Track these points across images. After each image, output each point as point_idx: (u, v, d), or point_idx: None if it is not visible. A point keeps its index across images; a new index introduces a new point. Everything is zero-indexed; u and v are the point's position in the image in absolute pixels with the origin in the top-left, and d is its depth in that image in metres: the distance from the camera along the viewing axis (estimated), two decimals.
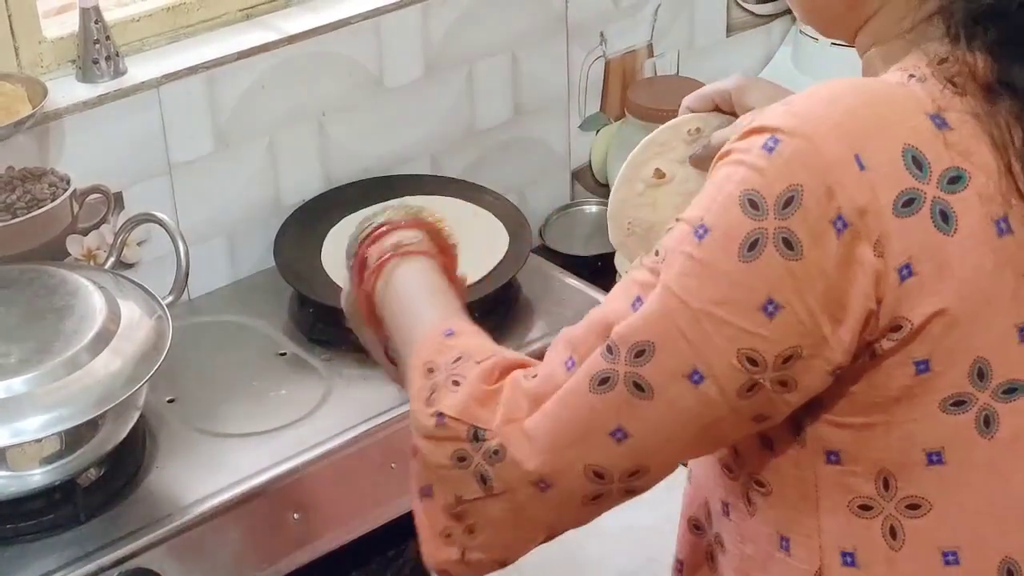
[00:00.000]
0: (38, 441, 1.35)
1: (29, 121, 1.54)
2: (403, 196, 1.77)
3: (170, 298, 1.54)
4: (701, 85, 2.07)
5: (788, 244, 0.93)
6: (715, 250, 0.95)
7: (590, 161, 2.15)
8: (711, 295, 0.95)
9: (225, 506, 1.41)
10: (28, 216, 1.59)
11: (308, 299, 1.69)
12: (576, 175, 2.15)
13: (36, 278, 1.48)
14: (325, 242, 1.74)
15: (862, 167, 0.93)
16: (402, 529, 1.50)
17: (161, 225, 1.59)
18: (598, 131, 2.14)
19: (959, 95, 0.98)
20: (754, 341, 0.95)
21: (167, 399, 1.56)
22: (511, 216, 1.81)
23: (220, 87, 1.72)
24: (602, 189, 2.15)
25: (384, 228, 1.21)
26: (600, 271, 1.91)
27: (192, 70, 1.69)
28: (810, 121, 0.95)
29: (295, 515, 1.45)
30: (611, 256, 1.94)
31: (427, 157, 1.95)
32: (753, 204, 0.94)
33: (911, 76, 0.99)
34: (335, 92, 1.83)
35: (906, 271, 0.94)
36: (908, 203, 0.94)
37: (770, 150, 0.94)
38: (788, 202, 0.93)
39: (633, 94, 2.09)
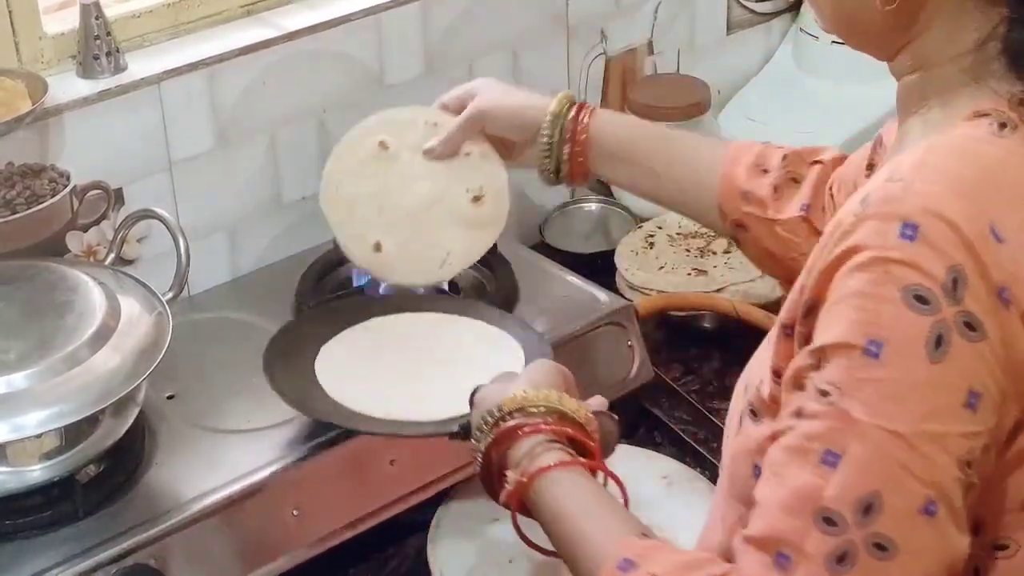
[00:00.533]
0: (37, 437, 1.34)
1: (29, 117, 1.54)
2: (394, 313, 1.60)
3: (170, 294, 1.54)
4: (702, 83, 2.09)
5: (971, 327, 0.89)
6: (901, 362, 0.89)
7: None
8: (916, 412, 0.88)
9: (224, 502, 1.41)
10: (28, 212, 1.59)
11: (308, 295, 1.70)
12: None
13: (36, 274, 1.48)
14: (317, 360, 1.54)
15: (999, 239, 0.90)
16: (401, 527, 1.51)
17: (161, 221, 1.59)
18: None
19: None
20: (969, 442, 0.89)
21: (167, 395, 1.56)
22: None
23: (221, 84, 1.72)
24: (602, 187, 2.15)
25: (519, 430, 1.12)
26: (600, 269, 1.91)
27: (193, 66, 1.69)
28: (937, 200, 0.90)
29: (294, 512, 1.44)
30: (611, 253, 1.94)
31: None
32: (921, 299, 0.88)
33: (1001, 126, 0.95)
34: (336, 89, 1.83)
35: None
36: None
37: (911, 238, 0.89)
38: (955, 284, 0.88)
39: (633, 92, 2.09)
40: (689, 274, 1.88)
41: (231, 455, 1.47)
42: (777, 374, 1.01)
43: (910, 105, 1.04)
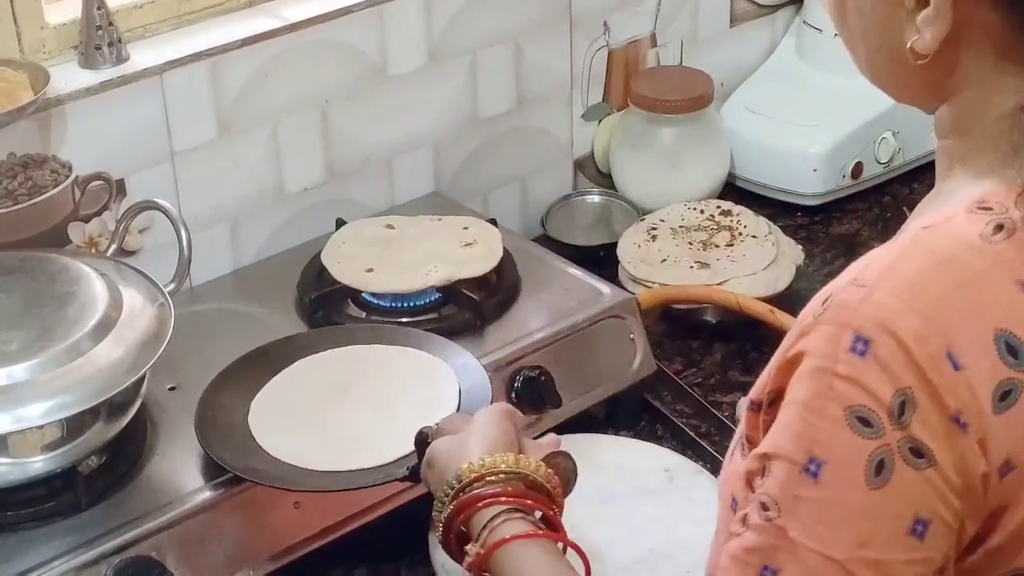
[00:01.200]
0: (39, 428, 1.34)
1: (31, 107, 1.53)
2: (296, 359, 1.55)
3: (172, 286, 1.54)
4: (705, 75, 2.09)
5: (918, 453, 0.84)
6: (839, 485, 0.85)
7: (593, 151, 2.15)
8: (852, 538, 0.85)
9: (226, 495, 1.41)
10: (30, 203, 1.59)
11: (309, 287, 1.70)
12: (579, 165, 2.14)
13: (37, 265, 1.48)
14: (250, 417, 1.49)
15: (956, 366, 0.85)
16: (402, 519, 1.50)
17: (163, 212, 1.58)
18: (601, 121, 2.14)
19: None
20: (917, 568, 0.86)
21: (168, 387, 1.56)
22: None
23: (223, 74, 1.72)
24: (604, 179, 2.15)
25: (478, 501, 1.09)
26: (602, 261, 1.91)
27: (195, 57, 1.69)
28: (894, 316, 0.85)
29: (295, 504, 1.44)
30: (614, 246, 1.94)
31: (429, 145, 1.95)
32: (864, 421, 0.85)
33: (998, 228, 0.88)
34: (338, 80, 1.82)
35: (1007, 468, 0.86)
36: (1004, 396, 0.85)
37: (861, 354, 0.85)
38: (902, 408, 0.84)
39: (636, 84, 2.09)
40: (691, 267, 1.88)
41: None
42: (750, 441, 0.98)
43: (941, 172, 0.99)
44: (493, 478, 1.13)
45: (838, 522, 0.85)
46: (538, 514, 1.15)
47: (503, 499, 1.12)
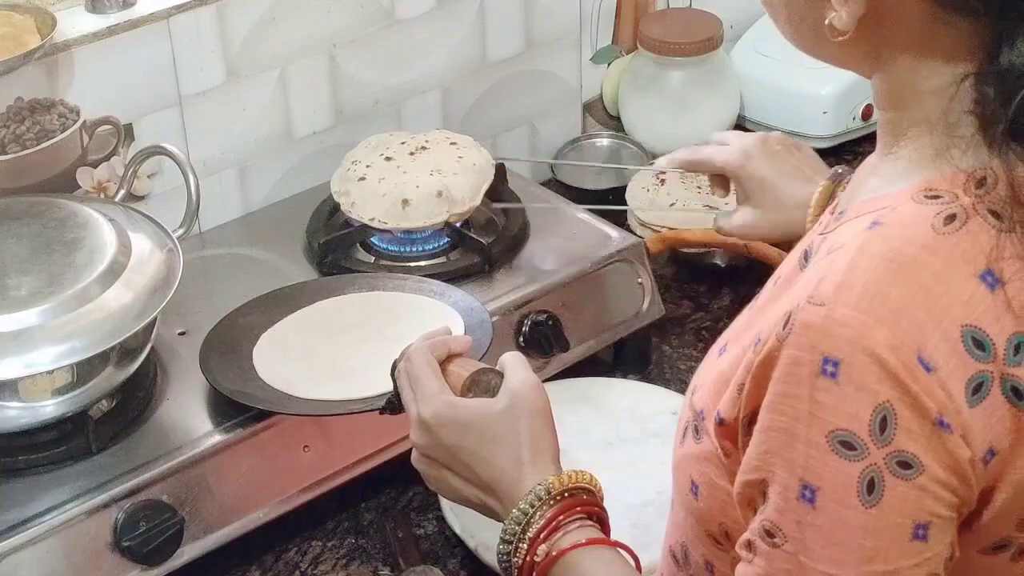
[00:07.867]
0: (50, 373, 1.35)
1: (38, 52, 1.53)
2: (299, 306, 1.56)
3: (181, 231, 1.54)
4: (714, 18, 2.07)
5: (905, 465, 0.84)
6: (835, 509, 0.85)
7: (602, 94, 2.14)
8: (859, 556, 0.86)
9: (235, 438, 1.42)
10: (38, 148, 1.59)
11: (318, 232, 1.70)
12: (588, 108, 2.14)
13: (46, 210, 1.48)
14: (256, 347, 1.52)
15: (928, 368, 0.84)
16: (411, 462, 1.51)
17: (171, 158, 1.58)
18: (610, 64, 2.13)
19: (1007, 231, 0.86)
20: (925, 568, 0.86)
21: (178, 332, 1.56)
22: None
23: (230, 18, 1.71)
24: (614, 122, 2.14)
25: (548, 527, 1.07)
26: (612, 204, 1.91)
27: (202, 1, 1.68)
28: (861, 331, 0.84)
29: (305, 447, 1.45)
30: (623, 190, 1.94)
31: (438, 89, 1.94)
32: (847, 445, 0.84)
33: (949, 219, 0.87)
34: (346, 23, 1.82)
35: (989, 455, 0.87)
36: (977, 388, 0.85)
37: (833, 376, 0.84)
38: (883, 424, 0.84)
39: (645, 27, 2.07)
40: (700, 211, 1.87)
41: None
42: (727, 455, 0.99)
43: (884, 144, 0.98)
44: (552, 501, 1.11)
45: (842, 543, 0.86)
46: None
47: (578, 508, 1.11)
